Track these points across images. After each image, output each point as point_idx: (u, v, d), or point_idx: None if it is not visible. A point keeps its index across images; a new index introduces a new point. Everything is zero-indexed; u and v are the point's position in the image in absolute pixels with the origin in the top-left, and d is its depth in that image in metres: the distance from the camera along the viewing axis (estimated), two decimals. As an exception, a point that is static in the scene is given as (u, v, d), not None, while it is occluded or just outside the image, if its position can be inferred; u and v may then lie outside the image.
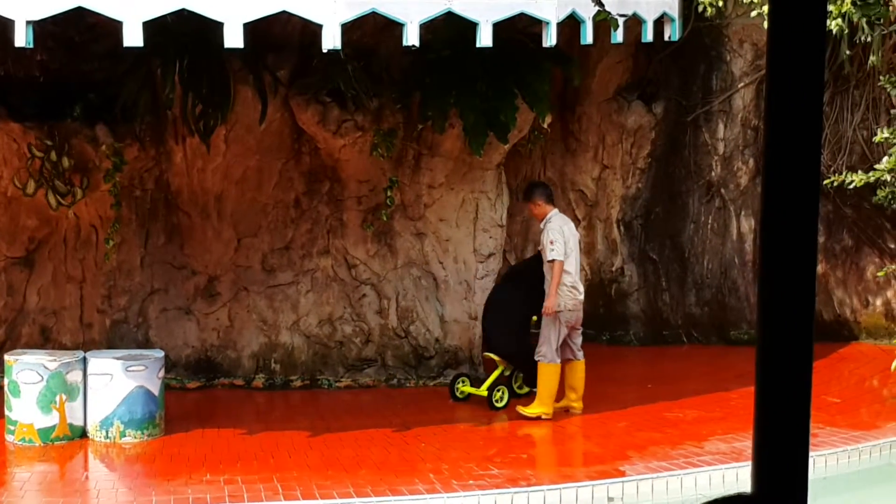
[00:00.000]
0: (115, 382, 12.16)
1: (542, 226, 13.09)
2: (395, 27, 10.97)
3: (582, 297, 13.26)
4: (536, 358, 12.96)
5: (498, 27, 11.11)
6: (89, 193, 13.76)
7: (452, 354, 14.72)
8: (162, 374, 12.48)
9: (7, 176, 13.79)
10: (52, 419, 12.10)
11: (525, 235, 17.26)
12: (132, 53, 11.11)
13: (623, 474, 11.29)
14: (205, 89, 12.91)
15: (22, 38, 9.82)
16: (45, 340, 14.19)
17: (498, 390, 13.34)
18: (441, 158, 14.31)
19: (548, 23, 11.48)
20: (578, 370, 13.18)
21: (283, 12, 10.51)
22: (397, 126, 14.01)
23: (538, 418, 12.84)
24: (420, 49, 11.30)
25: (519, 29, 12.47)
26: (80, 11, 10.05)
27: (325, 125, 13.69)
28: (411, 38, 10.78)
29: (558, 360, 12.94)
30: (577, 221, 17.12)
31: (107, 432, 12.18)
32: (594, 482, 11.01)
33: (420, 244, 14.59)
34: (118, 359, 12.37)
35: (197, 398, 13.94)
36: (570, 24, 12.13)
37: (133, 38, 10.01)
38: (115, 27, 10.22)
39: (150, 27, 10.10)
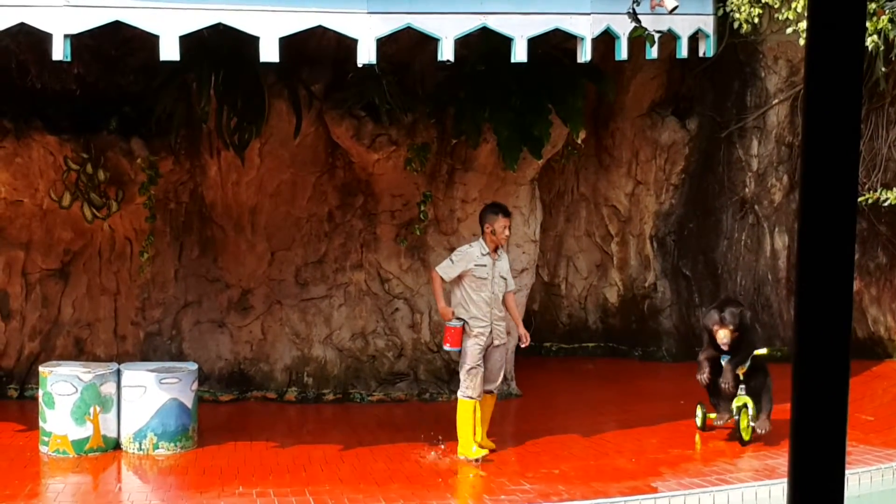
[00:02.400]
0: (148, 395, 12.20)
1: (501, 252, 12.50)
2: (430, 42, 10.98)
3: None
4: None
5: (533, 42, 11.10)
6: (124, 206, 13.83)
7: (485, 369, 14.70)
8: (195, 386, 12.52)
9: (43, 188, 13.87)
10: (86, 431, 12.14)
11: (558, 250, 17.25)
12: (168, 67, 11.16)
13: (655, 490, 11.25)
14: (240, 103, 12.96)
15: (59, 51, 9.87)
16: (80, 352, 14.26)
17: None
18: (474, 173, 14.32)
19: (582, 38, 11.47)
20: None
21: (319, 27, 10.52)
22: (431, 140, 14.04)
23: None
24: (455, 64, 11.30)
25: (553, 44, 12.47)
26: (116, 25, 10.08)
27: (360, 139, 13.72)
28: (446, 53, 10.78)
29: None
30: (610, 237, 17.12)
31: (140, 444, 12.22)
32: (626, 498, 10.97)
33: (453, 259, 14.57)
34: (152, 371, 12.42)
35: (230, 411, 13.97)
36: (605, 40, 12.12)
37: (169, 51, 10.05)
38: (151, 41, 10.26)
39: (186, 41, 10.13)
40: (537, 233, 14.97)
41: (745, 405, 12.57)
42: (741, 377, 12.66)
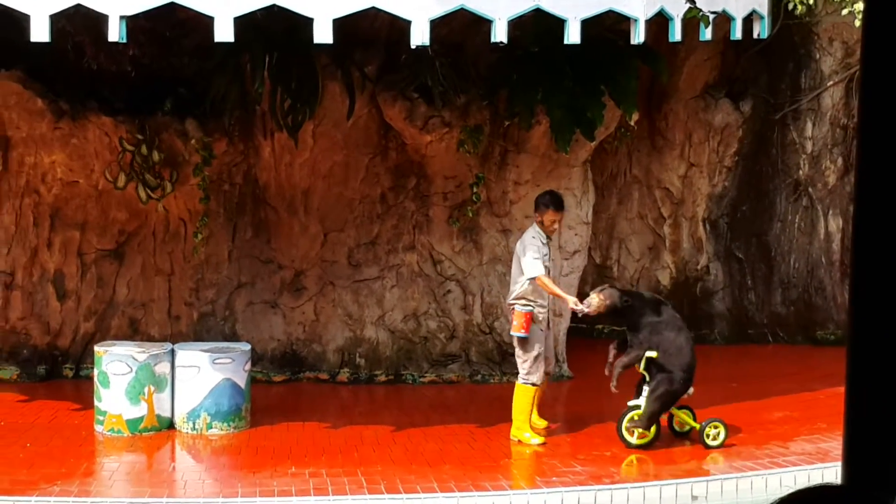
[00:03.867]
0: (202, 375, 12.28)
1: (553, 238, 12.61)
2: (484, 23, 10.99)
3: None
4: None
5: (586, 24, 11.08)
6: (178, 187, 13.91)
7: (536, 351, 14.71)
8: (248, 367, 12.59)
9: (98, 169, 13.96)
10: (140, 410, 12.24)
11: (610, 232, 17.22)
12: (222, 48, 11.22)
13: (707, 473, 11.24)
14: (293, 84, 12.99)
15: (115, 32, 9.94)
16: (134, 332, 14.36)
17: None
18: (527, 155, 14.31)
19: (636, 20, 11.44)
20: None
21: (372, 8, 10.55)
22: (484, 122, 14.03)
23: None
24: (508, 45, 11.30)
25: (607, 26, 12.43)
26: (171, 7, 10.14)
27: (412, 121, 13.74)
28: (499, 34, 10.77)
29: None
30: (662, 219, 17.08)
31: (194, 424, 12.30)
32: (678, 480, 10.97)
33: (505, 240, 14.58)
34: (206, 351, 12.49)
35: (282, 391, 14.05)
36: (658, 21, 12.08)
37: (224, 33, 10.10)
38: (205, 22, 10.31)
39: (241, 22, 10.18)
40: (589, 215, 14.95)
41: (637, 406, 12.02)
42: (646, 377, 11.91)
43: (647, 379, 11.84)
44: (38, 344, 14.41)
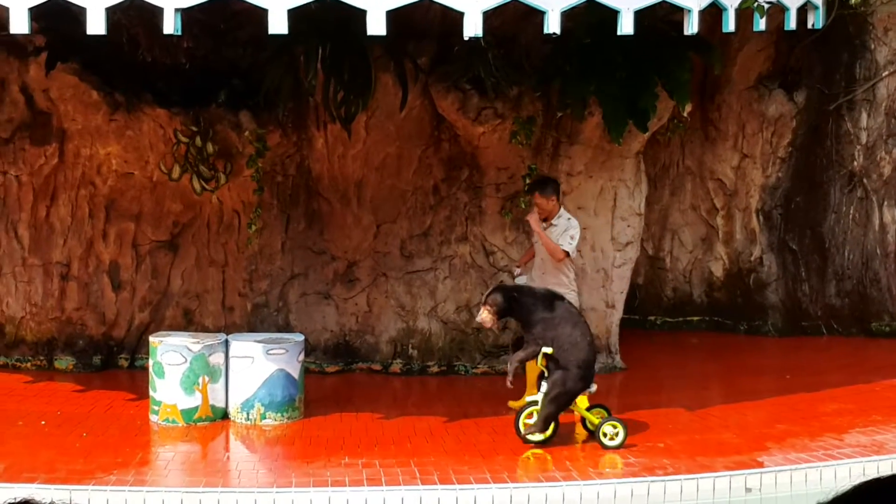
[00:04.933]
0: (256, 365, 12.34)
1: (553, 222, 12.64)
2: (536, 15, 10.97)
3: None
4: None
5: (639, 15, 11.05)
6: (232, 178, 13.98)
7: (589, 342, 14.70)
8: (302, 357, 12.64)
9: (153, 161, 14.05)
10: (194, 400, 12.32)
11: (663, 224, 17.18)
12: (276, 40, 11.23)
13: (761, 465, 11.19)
14: (346, 76, 13.02)
15: (170, 25, 9.99)
16: (188, 323, 14.45)
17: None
18: (580, 146, 14.30)
19: (689, 10, 11.39)
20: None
21: (426, 0, 10.55)
22: (536, 113, 14.03)
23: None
24: (560, 37, 11.28)
25: (660, 16, 12.39)
26: (226, -1, 10.22)
27: (465, 112, 13.75)
28: (552, 25, 10.75)
29: None
30: (715, 210, 17.02)
31: (247, 414, 12.36)
32: (732, 472, 10.93)
33: (558, 232, 14.58)
34: (259, 342, 12.55)
35: (335, 382, 14.10)
36: (712, 12, 12.03)
37: (278, 25, 10.13)
38: (259, 15, 10.34)
39: (294, 14, 10.21)
40: (642, 206, 14.91)
41: (535, 402, 11.81)
42: (545, 373, 11.71)
43: (546, 375, 11.69)
44: (94, 334, 14.53)
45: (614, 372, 14.68)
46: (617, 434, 11.65)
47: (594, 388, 11.85)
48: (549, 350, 11.52)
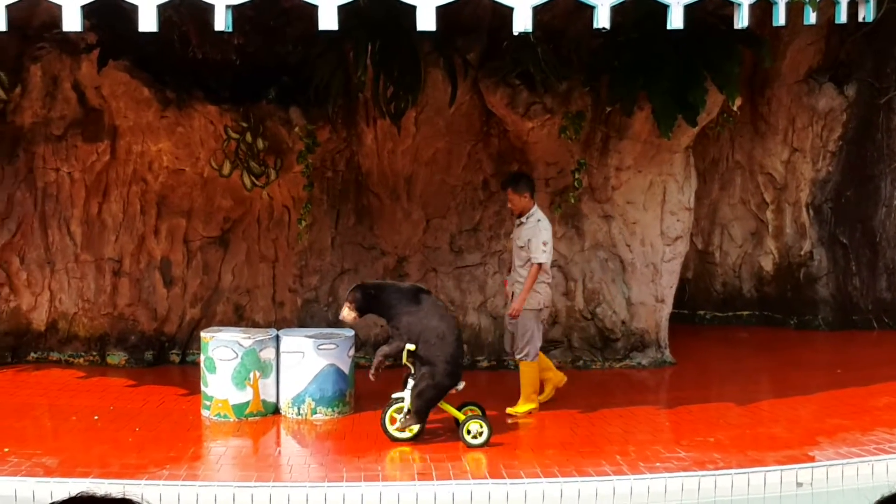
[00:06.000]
0: (306, 360, 12.40)
1: (523, 220, 12.55)
2: (586, 9, 10.97)
3: None
4: (520, 357, 12.61)
5: (689, 9, 11.03)
6: (282, 174, 14.04)
7: (639, 337, 14.70)
8: (352, 352, 12.69)
9: (204, 157, 14.13)
10: (246, 395, 12.38)
11: (712, 218, 17.14)
12: (325, 37, 11.28)
13: (812, 459, 11.15)
14: (396, 72, 13.05)
15: (221, 22, 10.04)
16: (239, 318, 14.53)
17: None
18: (629, 141, 14.28)
19: (740, 4, 11.35)
20: (543, 359, 12.92)
21: (475, -5, 10.59)
22: (586, 108, 14.02)
23: (529, 413, 12.60)
24: (609, 31, 11.28)
25: (710, 10, 12.37)
26: (276, -4, 10.26)
27: (514, 107, 13.76)
28: (602, 20, 10.74)
29: (538, 355, 12.73)
30: (765, 205, 16.96)
31: (298, 409, 12.42)
32: (783, 467, 10.89)
33: (607, 226, 14.58)
34: (310, 337, 12.60)
35: (385, 377, 14.03)
36: (762, 6, 11.98)
37: (328, 21, 10.17)
38: (309, 11, 10.38)
39: (344, 10, 10.24)
40: (691, 201, 14.87)
41: (401, 398, 11.77)
42: (412, 370, 11.70)
43: (413, 371, 11.66)
44: (146, 330, 14.62)
45: (664, 366, 14.67)
46: (481, 433, 11.54)
47: (461, 385, 11.78)
48: (412, 347, 11.52)
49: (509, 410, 12.57)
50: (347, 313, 11.80)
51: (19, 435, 11.84)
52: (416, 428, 11.64)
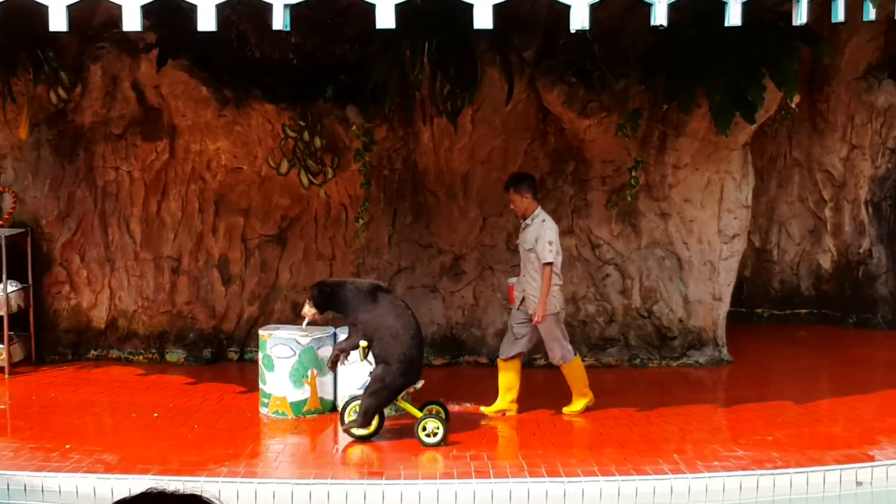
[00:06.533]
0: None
1: (528, 221, 12.41)
2: (642, 6, 10.93)
3: None
4: (561, 362, 12.50)
5: (747, 6, 10.97)
6: (339, 173, 14.08)
7: (696, 335, 14.65)
8: (409, 350, 12.69)
9: (262, 156, 14.20)
10: (303, 393, 12.44)
11: (770, 216, 17.06)
12: (382, 35, 11.29)
13: (872, 459, 11.06)
14: (452, 70, 13.06)
15: (279, 21, 10.08)
16: (297, 316, 14.55)
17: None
18: (686, 138, 14.24)
19: (798, 0, 11.29)
20: (517, 373, 12.73)
21: (532, -7, 10.58)
22: (643, 106, 13.99)
23: (586, 409, 12.54)
24: (666, 29, 11.23)
25: (768, 7, 12.30)
26: (334, -5, 10.29)
27: (571, 105, 13.75)
28: (659, 17, 10.70)
29: (574, 353, 12.58)
30: (823, 202, 16.86)
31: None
32: (842, 466, 10.82)
33: (664, 224, 14.54)
34: (367, 335, 12.63)
35: (442, 375, 14.14)
36: (821, 2, 11.91)
37: (385, 20, 10.18)
38: (366, 10, 10.40)
39: (401, 9, 10.26)
40: (749, 198, 14.80)
41: (358, 397, 11.82)
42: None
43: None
44: (204, 328, 14.72)
45: (721, 365, 14.62)
46: (437, 432, 11.53)
47: (420, 384, 11.80)
48: (364, 343, 11.55)
49: (565, 410, 12.55)
50: (307, 309, 11.89)
51: (80, 432, 11.95)
52: (373, 425, 11.72)
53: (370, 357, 11.65)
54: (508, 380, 12.61)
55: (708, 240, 14.63)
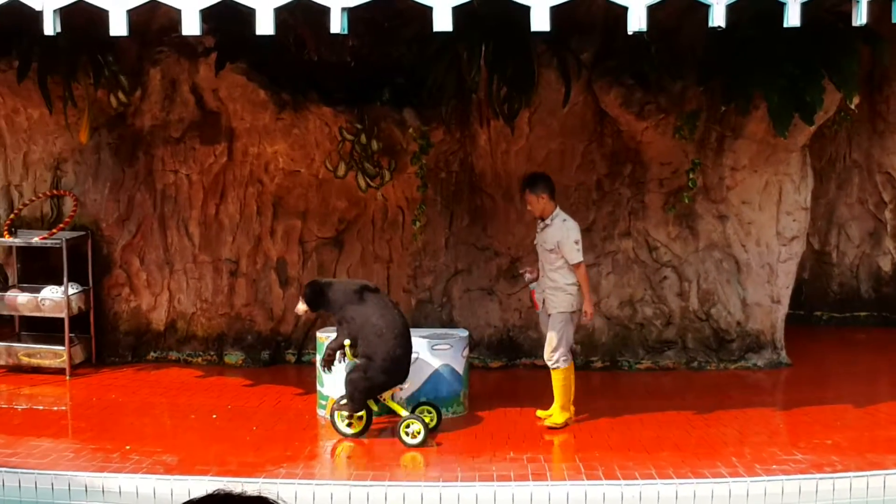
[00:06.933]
0: (421, 361, 12.44)
1: (547, 222, 12.21)
2: (700, 8, 10.88)
3: None
4: (554, 365, 12.25)
5: (806, 6, 10.91)
6: (396, 175, 14.12)
7: (754, 338, 14.59)
8: (466, 353, 12.72)
9: (319, 159, 14.25)
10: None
11: (829, 218, 16.95)
12: (439, 38, 11.31)
13: (935, 463, 10.99)
14: (509, 72, 13.06)
15: (337, 24, 10.11)
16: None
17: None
18: (744, 140, 14.17)
19: (858, 1, 11.21)
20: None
21: (590, -5, 10.56)
22: (700, 108, 13.94)
23: (565, 425, 12.25)
24: (724, 30, 11.18)
25: (826, 7, 12.23)
26: (392, -2, 10.31)
27: (628, 107, 13.71)
28: (717, 19, 10.65)
29: (570, 361, 12.31)
30: (883, 204, 16.74)
31: (413, 409, 12.47)
32: (905, 470, 10.76)
33: (722, 227, 14.48)
34: (424, 337, 12.65)
35: (499, 377, 14.16)
36: (880, 2, 11.82)
37: (442, 22, 10.19)
38: (422, 12, 10.41)
39: (458, 11, 10.27)
40: (808, 200, 14.72)
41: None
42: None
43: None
44: (262, 330, 14.79)
45: (780, 368, 14.55)
46: (419, 433, 11.60)
47: (406, 385, 11.97)
48: (347, 341, 11.72)
49: (548, 423, 12.23)
50: (302, 307, 12.17)
51: (140, 433, 12.04)
52: (361, 424, 11.92)
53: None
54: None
55: (766, 242, 14.56)
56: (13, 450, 11.38)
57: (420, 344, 12.49)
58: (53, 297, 14.33)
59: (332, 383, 12.42)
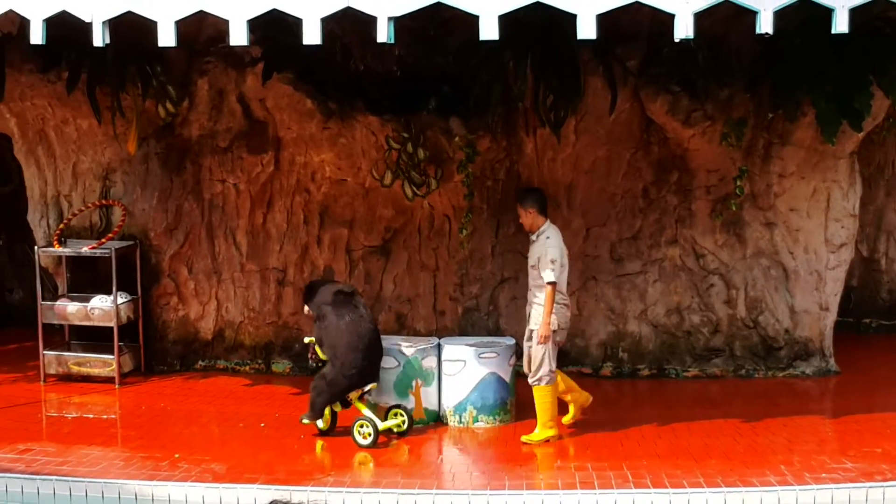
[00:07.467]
0: (468, 369, 12.46)
1: (533, 237, 12.19)
2: (747, 14, 10.85)
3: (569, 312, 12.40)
4: (533, 382, 12.03)
5: (854, 12, 10.86)
6: (443, 184, 14.13)
7: (803, 346, 14.52)
8: (513, 361, 12.72)
9: (366, 167, 14.28)
10: (408, 403, 12.50)
11: (878, 225, 16.86)
12: (485, 46, 11.30)
13: None
14: (555, 81, 13.07)
15: (384, 33, 10.13)
16: (401, 327, 14.65)
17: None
18: (792, 147, 14.11)
19: (906, 7, 11.16)
20: (565, 379, 12.47)
21: (636, 2, 10.51)
22: (747, 115, 13.89)
23: (547, 441, 12.07)
24: (772, 36, 11.15)
25: (875, 14, 12.15)
26: (437, 6, 10.28)
27: (675, 115, 13.68)
28: (764, 25, 10.60)
29: (553, 381, 12.09)
30: (931, 213, 16.66)
31: (460, 417, 12.50)
32: (957, 479, 10.69)
33: (770, 234, 14.42)
34: (471, 345, 12.67)
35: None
36: (929, 8, 11.78)
37: (489, 31, 10.19)
38: (468, 21, 10.42)
39: (504, 20, 10.28)
40: (856, 207, 14.63)
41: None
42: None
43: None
44: (309, 338, 14.83)
45: (828, 375, 14.47)
46: (369, 434, 11.87)
47: (370, 386, 12.18)
48: (310, 339, 12.40)
49: (524, 438, 12.06)
50: (305, 307, 12.64)
51: (189, 441, 12.09)
52: (327, 422, 12.27)
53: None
54: (569, 395, 12.53)
55: (814, 249, 14.49)
56: (64, 458, 11.46)
57: (467, 352, 12.51)
58: (103, 307, 14.42)
59: (380, 391, 12.47)
